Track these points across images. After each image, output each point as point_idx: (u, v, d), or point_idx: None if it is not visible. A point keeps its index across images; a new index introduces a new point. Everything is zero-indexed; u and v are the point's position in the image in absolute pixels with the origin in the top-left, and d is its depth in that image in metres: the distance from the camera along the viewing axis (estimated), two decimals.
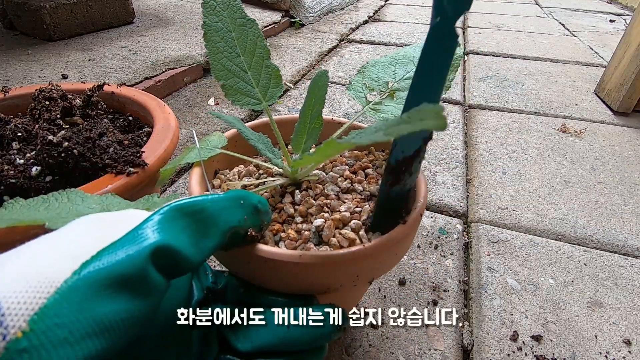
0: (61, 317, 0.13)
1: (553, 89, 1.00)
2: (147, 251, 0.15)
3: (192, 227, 0.18)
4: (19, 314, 0.12)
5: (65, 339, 0.12)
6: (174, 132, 0.38)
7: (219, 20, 0.28)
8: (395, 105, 0.31)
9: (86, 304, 0.13)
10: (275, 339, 0.20)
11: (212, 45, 0.28)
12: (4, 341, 0.12)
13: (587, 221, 0.54)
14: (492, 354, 0.36)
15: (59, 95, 0.39)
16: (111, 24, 1.04)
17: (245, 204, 0.20)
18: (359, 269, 0.24)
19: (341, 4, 1.76)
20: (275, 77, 0.30)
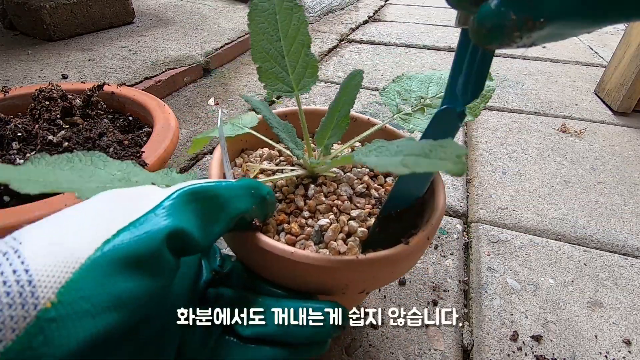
0: (85, 291, 0.14)
1: (553, 89, 1.00)
2: (163, 234, 0.16)
3: (203, 212, 0.18)
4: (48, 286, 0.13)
5: (88, 311, 0.14)
6: (174, 132, 0.38)
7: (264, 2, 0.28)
8: (424, 119, 0.31)
9: (106, 280, 0.14)
10: (276, 332, 0.21)
11: (255, 26, 0.28)
12: (36, 310, 0.13)
13: (587, 221, 0.54)
14: (492, 354, 0.36)
15: (59, 95, 0.39)
16: (111, 24, 1.04)
17: (255, 194, 0.21)
18: (349, 278, 0.24)
19: (341, 4, 1.76)
20: (311, 67, 0.30)
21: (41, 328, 0.13)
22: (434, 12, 1.82)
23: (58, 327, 0.13)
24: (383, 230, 0.25)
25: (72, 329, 0.13)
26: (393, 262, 0.24)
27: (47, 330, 0.13)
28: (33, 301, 0.13)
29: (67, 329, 0.13)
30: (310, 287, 0.24)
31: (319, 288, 0.24)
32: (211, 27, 1.16)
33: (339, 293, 0.25)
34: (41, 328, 0.13)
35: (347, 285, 0.24)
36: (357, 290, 0.26)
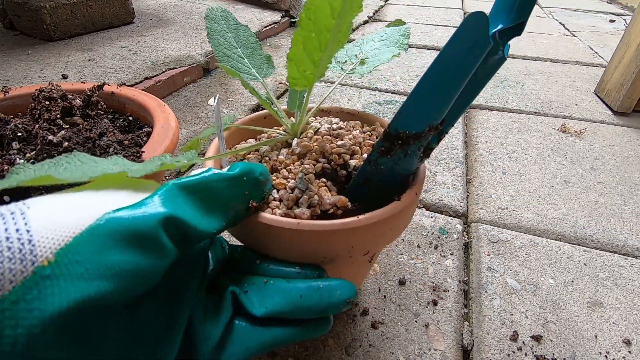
0: (81, 256, 0.15)
1: (553, 89, 1.00)
2: (159, 217, 0.17)
3: (197, 203, 0.19)
4: (47, 247, 0.14)
5: (82, 275, 0.14)
6: (174, 132, 0.38)
7: (217, 25, 0.35)
8: (366, 67, 0.36)
9: (102, 250, 0.15)
10: (289, 306, 0.22)
11: (214, 41, 0.34)
12: (33, 266, 0.14)
13: (587, 221, 0.54)
14: (492, 354, 0.36)
15: (59, 95, 0.39)
16: (111, 24, 1.04)
17: (248, 178, 0.22)
18: (354, 240, 0.25)
19: None
20: (267, 60, 0.36)
21: (36, 283, 0.14)
22: (434, 12, 1.82)
23: (52, 285, 0.14)
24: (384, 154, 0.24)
25: (64, 288, 0.14)
26: (390, 219, 0.25)
27: (41, 285, 0.14)
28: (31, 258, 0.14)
29: (60, 287, 0.14)
30: (319, 256, 0.25)
31: (327, 254, 0.25)
32: None
33: (347, 257, 0.26)
34: (36, 283, 0.14)
35: (353, 248, 0.26)
36: (362, 251, 0.27)
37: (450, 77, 0.21)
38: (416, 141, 0.23)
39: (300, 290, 0.22)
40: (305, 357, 0.35)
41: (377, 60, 0.35)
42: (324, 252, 0.25)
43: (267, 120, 0.39)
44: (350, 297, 0.22)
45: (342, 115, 0.40)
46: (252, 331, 0.22)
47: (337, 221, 0.24)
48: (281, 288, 0.23)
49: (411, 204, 0.27)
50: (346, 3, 0.22)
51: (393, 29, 0.39)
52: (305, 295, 0.22)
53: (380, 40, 0.39)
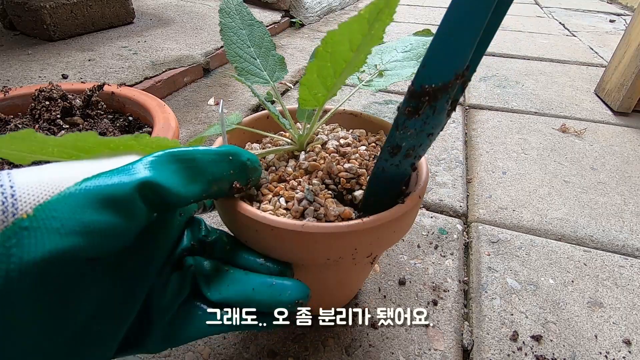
0: (58, 212, 0.16)
1: (553, 89, 1.00)
2: (135, 182, 0.18)
3: (181, 172, 0.20)
4: (27, 202, 0.16)
5: (57, 229, 0.16)
6: (174, 132, 0.38)
7: (232, 21, 0.33)
8: (384, 80, 0.35)
9: (78, 209, 0.16)
10: (241, 296, 0.23)
11: (227, 38, 0.32)
12: (13, 217, 0.15)
13: (587, 221, 0.54)
14: (492, 354, 0.36)
15: (59, 95, 0.39)
16: (111, 24, 1.04)
17: (234, 159, 0.23)
18: (357, 242, 0.25)
19: (341, 4, 1.76)
20: (280, 63, 0.35)
21: (15, 232, 0.15)
22: (433, 12, 1.82)
23: (29, 236, 0.15)
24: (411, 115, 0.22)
25: (40, 239, 0.15)
26: (394, 222, 0.25)
27: (19, 235, 0.15)
28: (12, 210, 0.15)
29: (36, 238, 0.15)
30: (322, 257, 0.26)
31: (330, 256, 0.26)
32: (211, 27, 1.16)
33: (350, 259, 0.26)
34: (15, 232, 0.15)
35: (357, 250, 0.26)
36: (365, 253, 0.27)
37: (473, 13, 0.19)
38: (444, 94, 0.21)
39: (254, 284, 0.23)
40: (305, 357, 0.35)
41: (396, 75, 0.34)
42: (328, 254, 0.25)
43: (270, 121, 0.38)
44: (299, 298, 0.23)
45: (345, 117, 0.39)
46: (206, 313, 0.24)
47: (342, 223, 0.24)
48: (237, 278, 0.24)
49: (414, 207, 0.27)
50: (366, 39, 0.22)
51: (418, 40, 0.37)
52: (257, 289, 0.23)
53: (403, 52, 0.37)
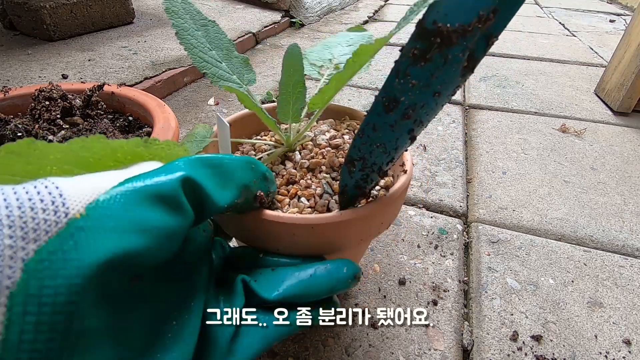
0: (110, 211, 0.15)
1: (553, 89, 1.00)
2: (179, 178, 0.17)
3: (212, 177, 0.19)
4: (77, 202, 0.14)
5: (113, 228, 0.14)
6: (174, 132, 0.38)
7: (184, 22, 0.31)
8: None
9: (129, 206, 0.15)
10: (301, 287, 0.22)
11: (186, 42, 0.31)
12: (66, 218, 0.14)
13: (587, 221, 0.54)
14: (492, 354, 0.36)
15: (59, 95, 0.39)
16: (111, 24, 1.04)
17: (255, 168, 0.22)
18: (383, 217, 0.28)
19: (341, 4, 1.76)
20: (245, 64, 0.34)
21: (71, 234, 0.13)
22: None
23: (86, 236, 0.14)
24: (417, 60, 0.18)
25: (98, 239, 0.14)
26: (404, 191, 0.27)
27: (76, 236, 0.13)
28: (64, 210, 0.14)
29: (94, 239, 0.14)
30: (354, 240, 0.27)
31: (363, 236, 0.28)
32: None
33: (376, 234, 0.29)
34: (71, 234, 0.13)
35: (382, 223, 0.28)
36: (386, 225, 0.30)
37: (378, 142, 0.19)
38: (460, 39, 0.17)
39: (310, 272, 0.23)
40: (305, 357, 0.35)
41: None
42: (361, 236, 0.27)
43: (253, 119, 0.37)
44: (355, 272, 0.23)
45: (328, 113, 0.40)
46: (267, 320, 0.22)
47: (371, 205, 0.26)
48: (290, 272, 0.23)
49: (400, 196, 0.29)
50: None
51: (358, 35, 0.40)
52: (314, 275, 0.22)
53: (348, 46, 0.39)
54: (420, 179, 0.62)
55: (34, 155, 0.18)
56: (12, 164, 0.17)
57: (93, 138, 0.19)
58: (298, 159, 0.32)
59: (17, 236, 0.13)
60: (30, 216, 0.13)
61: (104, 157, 0.20)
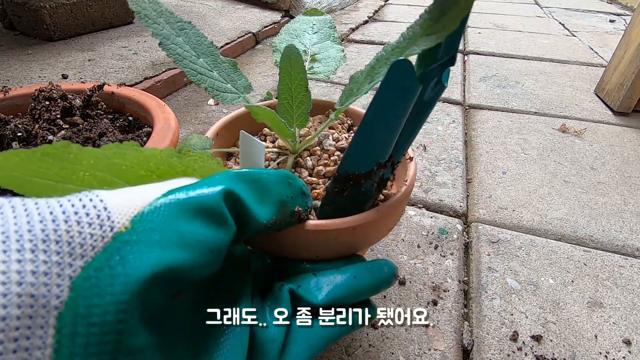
0: (154, 224, 0.14)
1: (553, 89, 1.00)
2: (221, 190, 0.17)
3: (251, 191, 0.19)
4: (122, 215, 0.14)
5: (158, 242, 0.14)
6: (174, 132, 0.38)
7: (161, 28, 0.29)
8: (326, 68, 0.35)
9: (172, 219, 0.15)
10: (346, 289, 0.22)
11: (173, 53, 0.28)
12: (112, 232, 0.13)
13: (587, 221, 0.54)
14: (492, 354, 0.36)
15: (59, 95, 0.39)
16: (111, 24, 1.04)
17: (292, 184, 0.22)
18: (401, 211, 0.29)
19: (341, 4, 1.76)
20: (235, 69, 0.33)
21: (117, 248, 0.13)
22: None
23: (132, 250, 0.13)
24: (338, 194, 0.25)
25: (144, 253, 0.13)
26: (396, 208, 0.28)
27: (122, 251, 0.13)
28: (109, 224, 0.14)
29: (140, 252, 0.13)
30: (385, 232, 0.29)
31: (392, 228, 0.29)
32: (211, 27, 1.16)
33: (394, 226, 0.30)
34: (117, 248, 0.13)
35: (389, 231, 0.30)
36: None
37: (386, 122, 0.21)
38: (367, 179, 0.24)
39: (352, 273, 0.23)
40: None
41: (331, 62, 0.35)
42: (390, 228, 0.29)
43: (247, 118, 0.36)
44: (394, 270, 0.23)
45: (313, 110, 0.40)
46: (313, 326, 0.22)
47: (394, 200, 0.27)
48: (332, 275, 0.23)
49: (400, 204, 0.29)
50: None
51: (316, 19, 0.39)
52: (358, 275, 0.23)
53: (314, 33, 0.38)
54: (420, 179, 0.62)
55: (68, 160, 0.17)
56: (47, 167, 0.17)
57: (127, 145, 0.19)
58: (310, 165, 0.31)
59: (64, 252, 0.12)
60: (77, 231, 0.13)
61: (137, 165, 0.19)
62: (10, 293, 0.10)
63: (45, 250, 0.12)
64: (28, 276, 0.11)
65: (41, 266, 0.11)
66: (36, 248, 0.12)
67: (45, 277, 0.11)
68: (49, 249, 0.12)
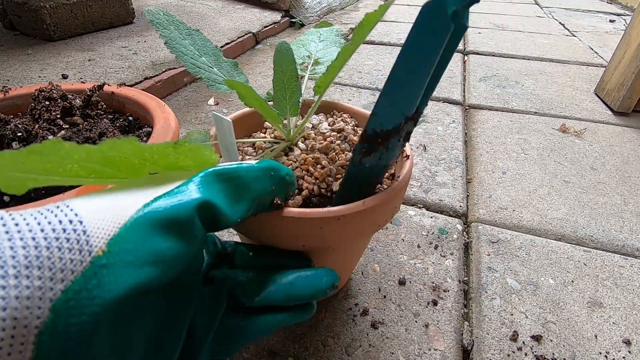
0: (129, 244, 0.15)
1: (553, 89, 1.00)
2: (195, 203, 0.18)
3: (227, 191, 0.20)
4: (99, 237, 0.15)
5: (132, 262, 0.15)
6: (174, 132, 0.38)
7: (170, 32, 0.33)
8: (324, 67, 0.38)
9: (147, 238, 0.16)
10: (281, 294, 0.23)
11: (176, 50, 0.32)
12: (90, 256, 0.14)
13: (587, 221, 0.54)
14: (492, 354, 0.36)
15: (59, 95, 0.39)
16: (111, 24, 1.04)
17: (275, 175, 0.23)
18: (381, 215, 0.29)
19: (341, 4, 1.76)
20: (235, 67, 0.36)
21: (95, 272, 0.14)
22: None
23: (108, 273, 0.15)
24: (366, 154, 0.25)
25: (119, 276, 0.15)
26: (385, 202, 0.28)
27: (99, 274, 0.14)
28: (88, 248, 0.15)
29: (115, 275, 0.15)
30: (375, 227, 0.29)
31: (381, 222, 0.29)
32: (211, 27, 1.16)
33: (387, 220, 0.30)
34: (95, 272, 0.14)
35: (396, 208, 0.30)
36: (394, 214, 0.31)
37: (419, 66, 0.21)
38: (395, 134, 0.24)
39: (291, 279, 0.24)
40: (305, 357, 0.35)
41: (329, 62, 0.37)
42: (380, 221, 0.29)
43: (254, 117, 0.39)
44: (334, 282, 0.24)
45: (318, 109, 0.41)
46: (246, 323, 0.24)
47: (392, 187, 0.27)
48: (272, 278, 0.24)
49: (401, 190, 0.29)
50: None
51: (327, 30, 0.42)
52: (294, 282, 0.24)
53: (320, 41, 0.41)
54: (420, 179, 0.62)
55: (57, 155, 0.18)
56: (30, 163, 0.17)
57: (125, 140, 0.19)
58: (303, 146, 0.33)
59: (46, 277, 0.13)
60: (57, 257, 0.14)
61: (131, 155, 0.20)
62: None
63: (28, 276, 0.13)
64: (12, 301, 0.12)
65: (24, 291, 0.12)
66: (19, 274, 0.12)
67: (28, 300, 0.12)
68: (32, 274, 0.13)
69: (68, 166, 0.18)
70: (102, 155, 0.19)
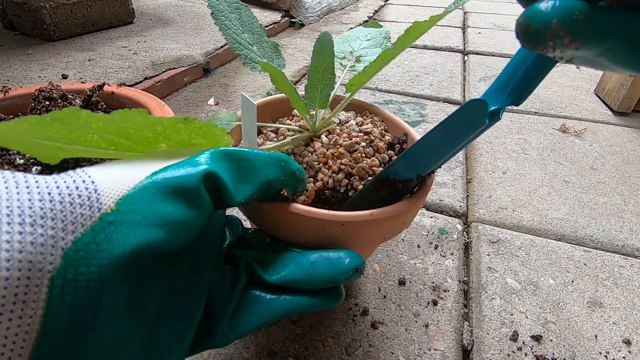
0: (137, 206, 0.17)
1: (553, 89, 1.00)
2: (201, 172, 0.19)
3: (234, 170, 0.21)
4: (109, 197, 0.16)
5: (139, 222, 0.16)
6: None
7: (219, 3, 0.33)
8: (364, 64, 0.37)
9: (154, 201, 0.17)
10: (301, 274, 0.23)
11: (220, 22, 0.32)
12: (99, 212, 0.16)
13: (587, 221, 0.54)
14: (492, 354, 0.36)
15: (59, 95, 0.39)
16: (111, 24, 1.04)
17: (285, 166, 0.23)
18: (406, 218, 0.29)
19: (341, 4, 1.76)
20: (275, 50, 0.36)
21: (103, 228, 0.15)
22: (433, 12, 1.82)
23: (116, 230, 0.16)
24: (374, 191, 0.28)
25: (126, 233, 0.16)
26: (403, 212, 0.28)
27: (107, 230, 0.15)
28: (98, 205, 0.16)
29: (122, 233, 0.16)
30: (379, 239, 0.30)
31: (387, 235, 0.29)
32: (211, 27, 1.16)
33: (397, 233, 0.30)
34: (103, 228, 0.15)
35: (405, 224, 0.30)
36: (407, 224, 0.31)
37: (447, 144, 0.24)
38: (405, 185, 0.27)
39: (312, 259, 0.23)
40: (305, 356, 0.35)
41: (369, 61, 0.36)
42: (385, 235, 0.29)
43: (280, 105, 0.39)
44: (358, 264, 0.23)
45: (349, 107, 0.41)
46: (266, 299, 0.23)
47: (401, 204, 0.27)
48: (293, 257, 0.24)
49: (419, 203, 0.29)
50: None
51: (373, 31, 0.41)
52: (315, 262, 0.23)
53: (366, 40, 0.41)
54: None
55: (77, 124, 0.18)
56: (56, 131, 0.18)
57: (135, 111, 0.20)
58: (326, 140, 0.32)
59: (59, 227, 0.14)
60: (69, 210, 0.15)
61: (144, 129, 0.20)
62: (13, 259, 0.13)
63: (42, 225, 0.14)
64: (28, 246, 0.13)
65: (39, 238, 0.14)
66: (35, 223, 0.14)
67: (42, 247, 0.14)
68: (46, 224, 0.14)
69: (89, 135, 0.19)
70: (116, 126, 0.20)
